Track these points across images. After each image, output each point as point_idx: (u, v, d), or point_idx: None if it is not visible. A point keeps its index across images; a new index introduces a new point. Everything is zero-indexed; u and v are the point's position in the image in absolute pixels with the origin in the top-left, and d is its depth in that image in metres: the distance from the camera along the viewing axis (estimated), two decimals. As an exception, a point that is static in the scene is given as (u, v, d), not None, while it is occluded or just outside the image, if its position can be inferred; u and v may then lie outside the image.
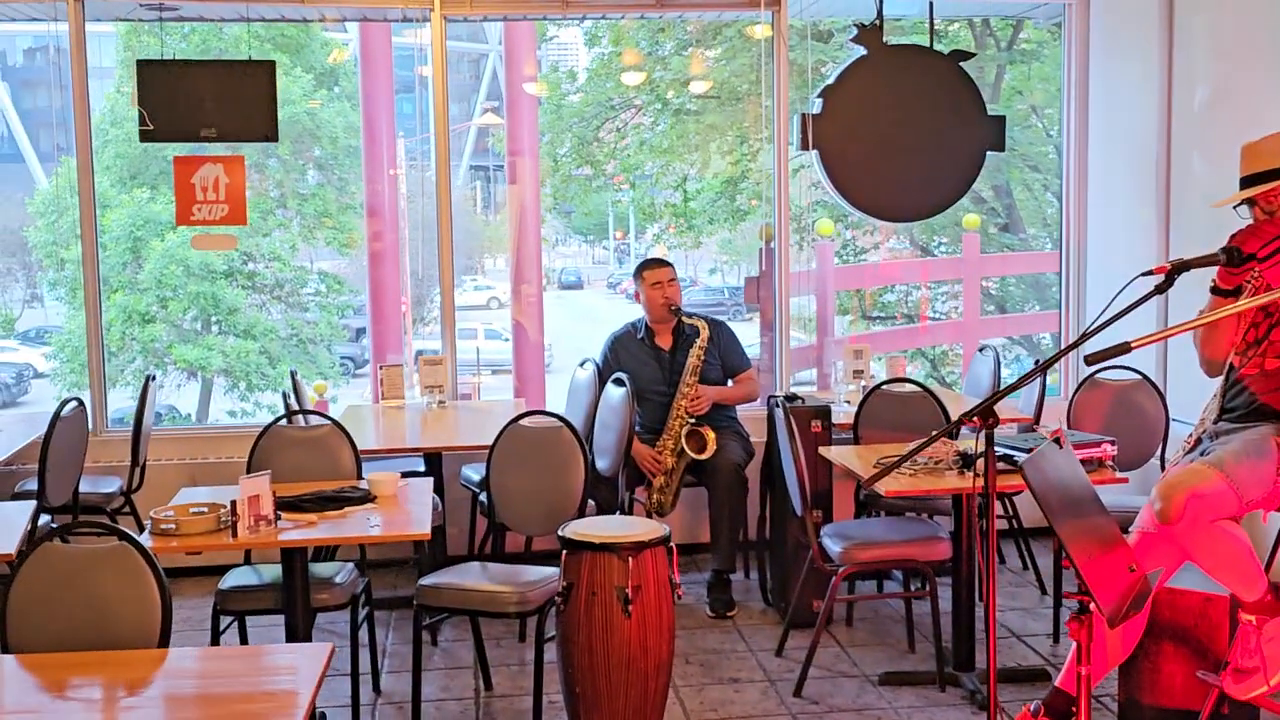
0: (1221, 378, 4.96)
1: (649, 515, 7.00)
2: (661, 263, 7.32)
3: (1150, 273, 4.06)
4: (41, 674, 3.63)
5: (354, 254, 17.17)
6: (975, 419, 3.78)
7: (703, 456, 6.90)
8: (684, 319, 7.10)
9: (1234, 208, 4.84)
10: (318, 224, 17.12)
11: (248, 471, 5.67)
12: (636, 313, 7.58)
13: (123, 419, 7.87)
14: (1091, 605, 3.54)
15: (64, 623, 3.97)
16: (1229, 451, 4.60)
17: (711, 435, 6.92)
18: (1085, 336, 3.83)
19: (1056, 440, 3.72)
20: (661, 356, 7.19)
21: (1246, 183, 4.77)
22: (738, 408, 7.38)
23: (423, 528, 4.71)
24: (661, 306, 7.12)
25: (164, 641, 3.96)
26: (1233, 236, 4.63)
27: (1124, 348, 3.65)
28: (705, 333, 7.07)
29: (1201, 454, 4.72)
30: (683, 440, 6.94)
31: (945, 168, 7.97)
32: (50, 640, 3.94)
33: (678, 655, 5.76)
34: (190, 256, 16.48)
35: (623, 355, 7.29)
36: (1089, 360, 3.66)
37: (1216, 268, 4.58)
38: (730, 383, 7.25)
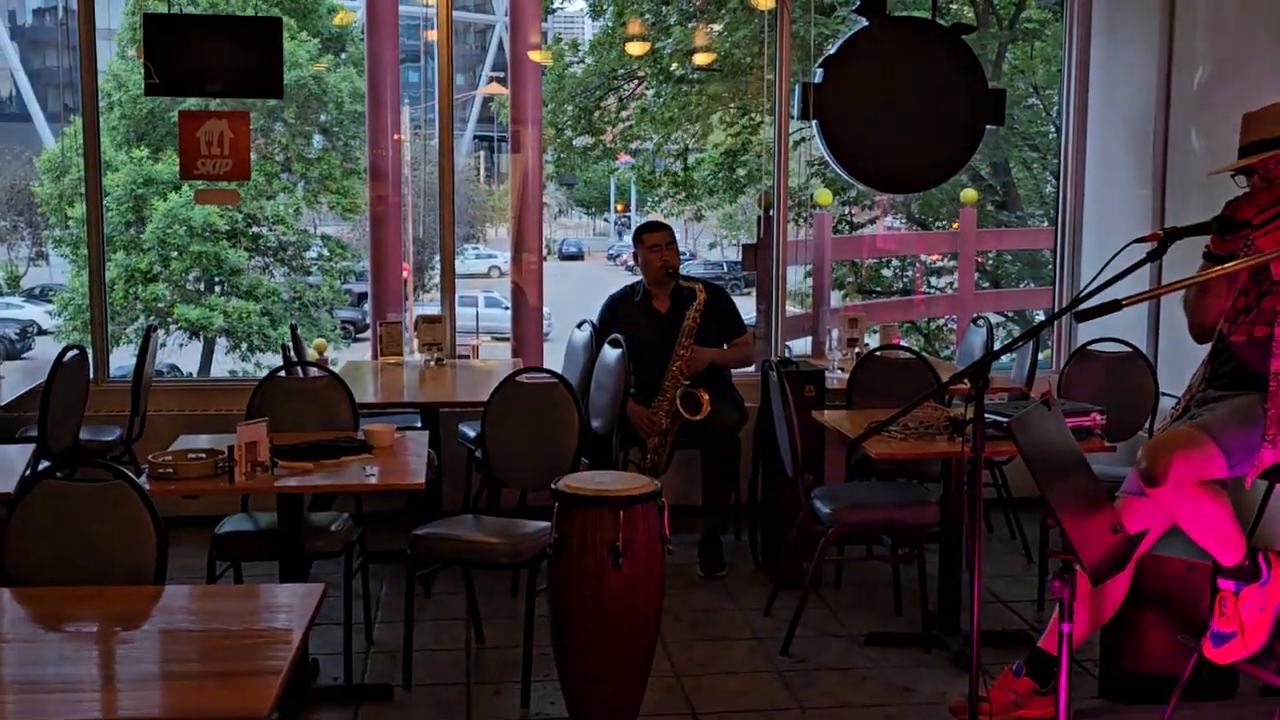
0: (1209, 346, 4.97)
1: (640, 472, 6.86)
2: (660, 226, 7.29)
3: (1143, 239, 4.09)
4: (37, 606, 3.64)
5: (357, 220, 17.19)
6: (966, 382, 3.81)
7: (697, 418, 6.87)
8: (681, 282, 7.06)
9: (1232, 176, 4.84)
10: (322, 188, 17.22)
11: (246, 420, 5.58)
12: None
13: (125, 374, 7.90)
14: (1075, 565, 3.56)
15: (60, 559, 3.99)
16: (1217, 417, 4.59)
17: (706, 397, 6.89)
18: (1078, 300, 3.86)
19: (1045, 402, 3.74)
20: (658, 319, 7.17)
21: (1246, 152, 4.77)
22: (733, 372, 7.36)
23: (418, 478, 4.67)
24: (659, 269, 7.09)
25: (159, 581, 3.97)
26: (1228, 205, 4.64)
27: (1115, 305, 3.69)
28: (702, 296, 7.04)
29: (1190, 419, 4.71)
30: (678, 402, 6.92)
31: (944, 140, 7.95)
32: (46, 575, 3.96)
33: (667, 612, 5.64)
34: (193, 216, 16.50)
35: (620, 316, 7.25)
36: (1079, 317, 3.70)
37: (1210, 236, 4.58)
38: (726, 347, 7.23)
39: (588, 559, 4.71)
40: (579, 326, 7.53)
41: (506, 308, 9.79)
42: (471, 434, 7.07)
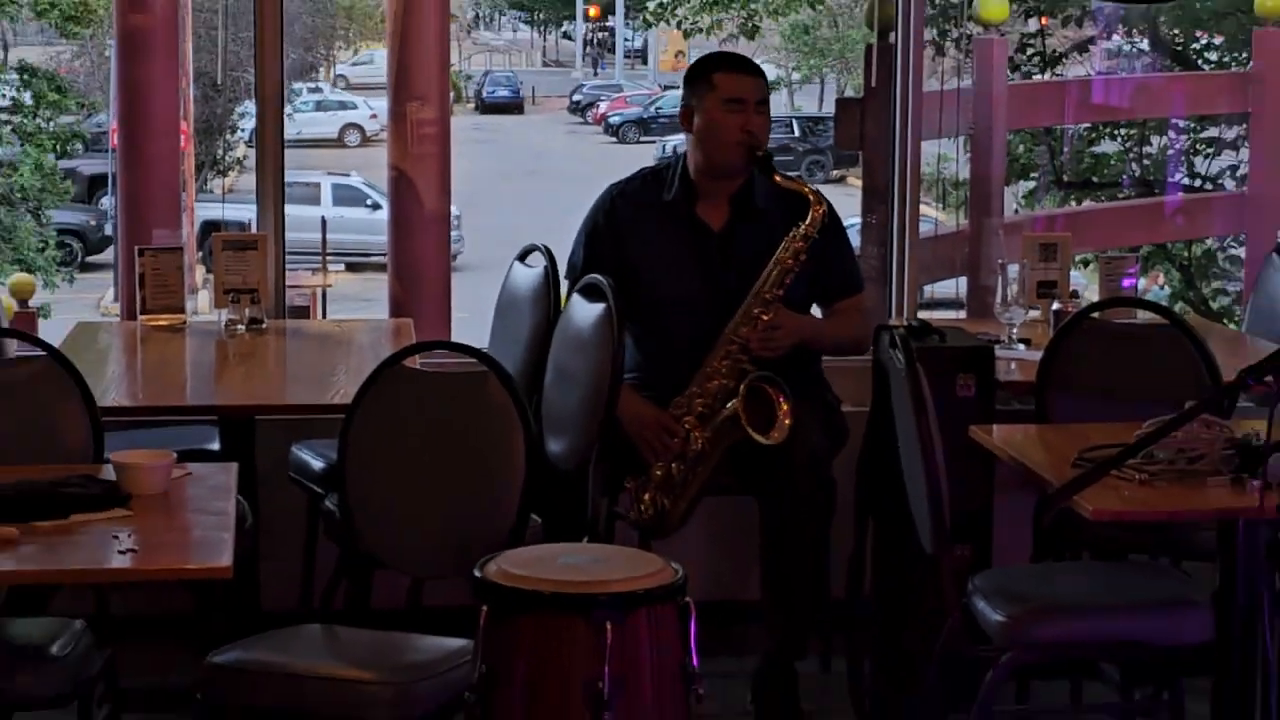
0: None
1: (640, 535, 5.55)
2: (749, 66, 5.91)
3: None
4: None
5: (90, 37, 14.61)
6: (1269, 378, 3.37)
7: (769, 440, 5.43)
8: (777, 177, 5.64)
9: None
10: None
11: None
12: (635, 161, 6.71)
13: None
14: None
15: None
16: None
17: (787, 405, 5.39)
18: None
19: None
20: (706, 240, 5.70)
21: None
22: (824, 359, 5.99)
23: (218, 557, 3.86)
24: (738, 145, 5.65)
25: None
26: None
27: None
28: (820, 215, 5.60)
29: None
30: (740, 402, 5.46)
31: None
32: None
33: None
34: None
35: (630, 231, 5.78)
36: None
37: None
38: (818, 313, 5.95)
39: (544, 713, 3.93)
40: (523, 258, 6.12)
41: (377, 206, 8.26)
42: (318, 466, 5.69)
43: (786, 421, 5.33)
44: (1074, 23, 13.68)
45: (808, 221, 5.46)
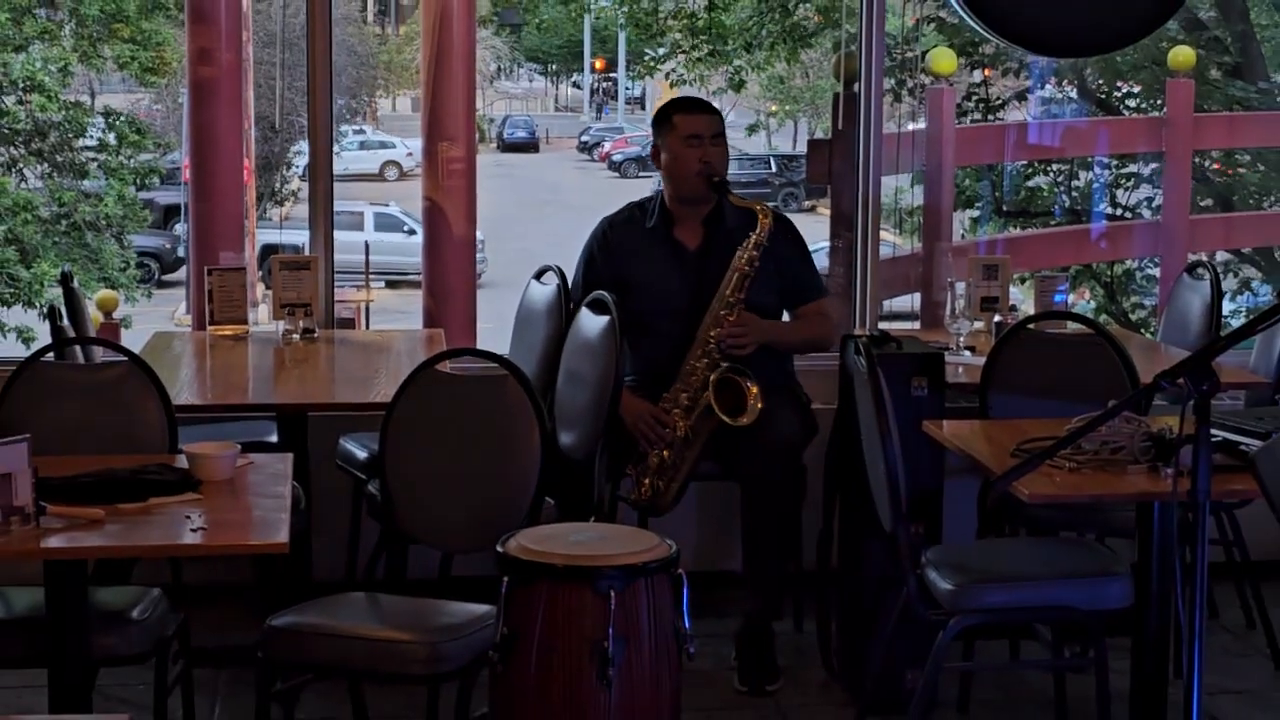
0: None
1: (639, 515, 5.97)
2: (702, 106, 6.27)
3: None
4: None
5: (165, 85, 15.16)
6: (1180, 380, 3.46)
7: (739, 422, 5.79)
8: (732, 200, 6.01)
9: None
10: (105, 34, 14.80)
11: (-11, 434, 4.89)
12: (634, 193, 6.62)
13: None
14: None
15: None
16: None
17: (754, 390, 5.76)
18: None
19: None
20: (684, 258, 6.07)
21: None
22: (797, 358, 6.31)
23: (276, 534, 4.12)
24: (698, 177, 6.00)
25: None
26: None
27: None
28: (766, 223, 5.95)
29: None
30: (710, 391, 5.84)
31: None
32: None
33: (689, 753, 5.03)
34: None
35: (620, 254, 6.15)
36: None
37: None
38: (788, 316, 6.26)
39: (557, 669, 4.19)
40: (539, 276, 6.47)
41: (413, 231, 8.62)
42: (362, 456, 6.02)
43: (756, 405, 5.74)
44: (1013, 74, 14.12)
45: (757, 231, 5.87)
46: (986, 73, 13.74)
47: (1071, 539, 5.76)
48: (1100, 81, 14.18)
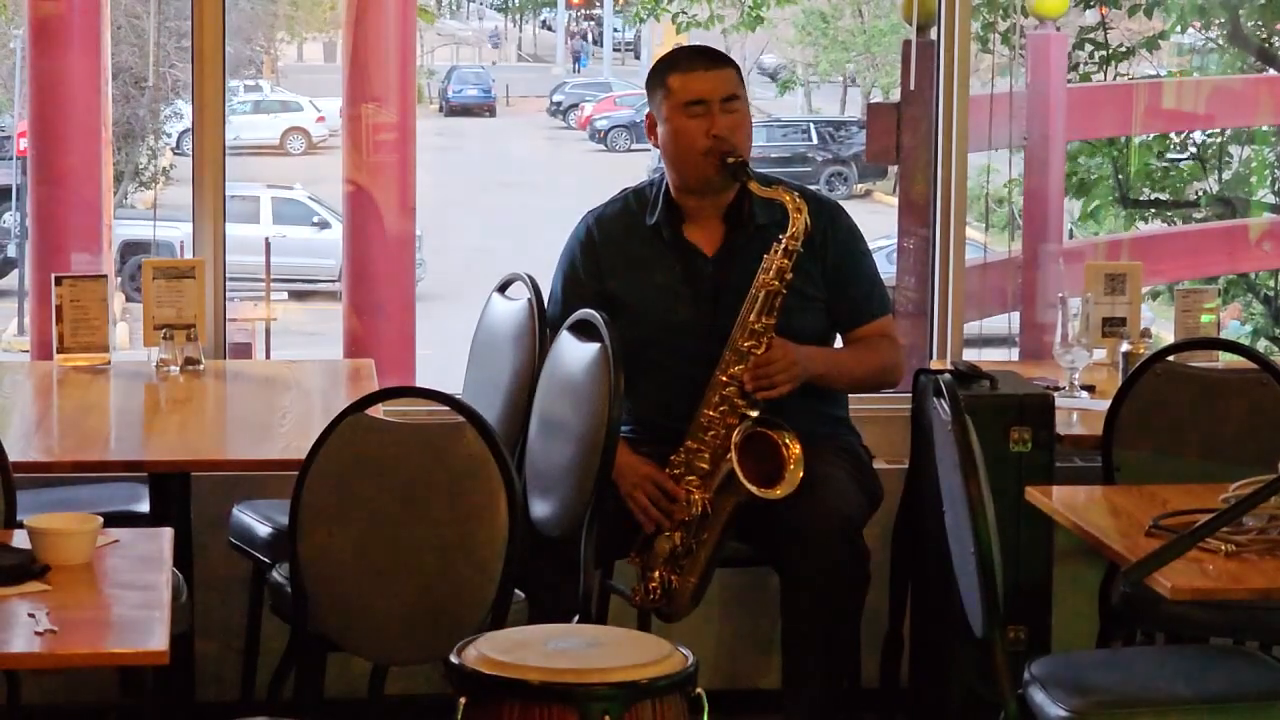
0: None
1: (641, 615, 5.32)
2: (706, 57, 5.46)
3: None
4: None
5: None
6: None
7: (774, 495, 5.04)
8: (752, 185, 5.17)
9: None
10: None
11: None
12: (625, 172, 6.59)
13: None
14: None
15: None
16: None
17: (795, 448, 4.99)
18: None
19: None
20: (698, 267, 5.38)
21: None
22: (853, 400, 5.63)
23: (149, 639, 3.56)
24: (705, 157, 5.20)
25: None
26: None
27: None
28: (801, 219, 5.10)
29: None
30: (733, 454, 5.11)
31: None
32: None
33: None
34: None
35: (611, 262, 5.47)
36: None
37: None
38: (841, 341, 5.58)
39: None
40: (503, 289, 5.72)
41: (323, 225, 8.13)
42: (265, 532, 5.39)
43: (797, 470, 4.99)
44: (1142, 13, 12.78)
45: (788, 233, 5.06)
46: (1103, 12, 12.81)
47: (1228, 648, 5.16)
48: (1260, 23, 13.18)
